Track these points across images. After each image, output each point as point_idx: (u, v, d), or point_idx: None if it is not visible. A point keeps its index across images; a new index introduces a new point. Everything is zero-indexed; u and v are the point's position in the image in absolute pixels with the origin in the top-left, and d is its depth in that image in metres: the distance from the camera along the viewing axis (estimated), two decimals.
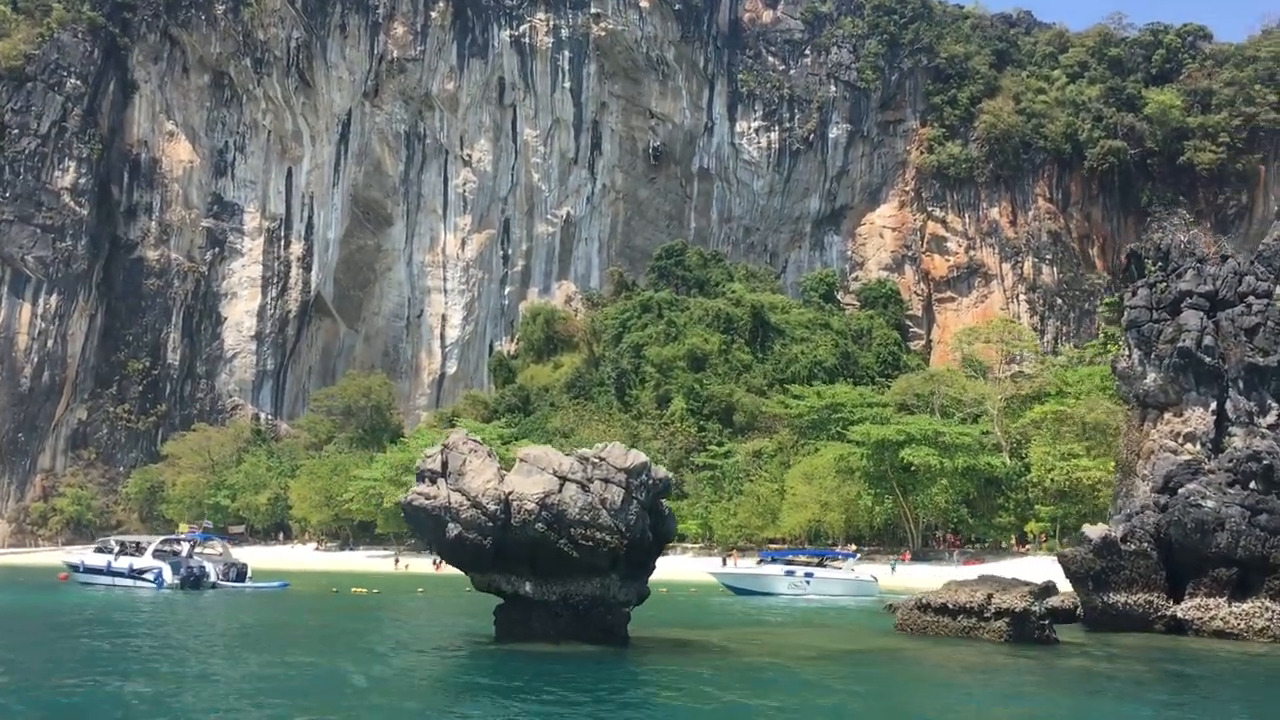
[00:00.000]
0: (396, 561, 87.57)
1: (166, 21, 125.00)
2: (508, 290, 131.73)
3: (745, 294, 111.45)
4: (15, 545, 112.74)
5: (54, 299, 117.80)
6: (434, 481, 23.59)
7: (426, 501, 23.10)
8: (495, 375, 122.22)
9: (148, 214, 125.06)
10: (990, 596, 25.17)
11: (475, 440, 24.40)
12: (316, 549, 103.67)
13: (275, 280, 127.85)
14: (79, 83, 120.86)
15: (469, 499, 22.81)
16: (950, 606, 25.90)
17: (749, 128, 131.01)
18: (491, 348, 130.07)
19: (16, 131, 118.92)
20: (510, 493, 22.70)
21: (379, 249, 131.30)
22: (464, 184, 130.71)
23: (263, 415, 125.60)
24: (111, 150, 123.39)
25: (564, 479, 22.51)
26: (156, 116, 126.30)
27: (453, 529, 22.66)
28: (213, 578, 50.75)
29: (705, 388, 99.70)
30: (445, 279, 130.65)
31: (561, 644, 22.65)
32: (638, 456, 22.56)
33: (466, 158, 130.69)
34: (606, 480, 22.18)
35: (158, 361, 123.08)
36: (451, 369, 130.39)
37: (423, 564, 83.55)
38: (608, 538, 21.88)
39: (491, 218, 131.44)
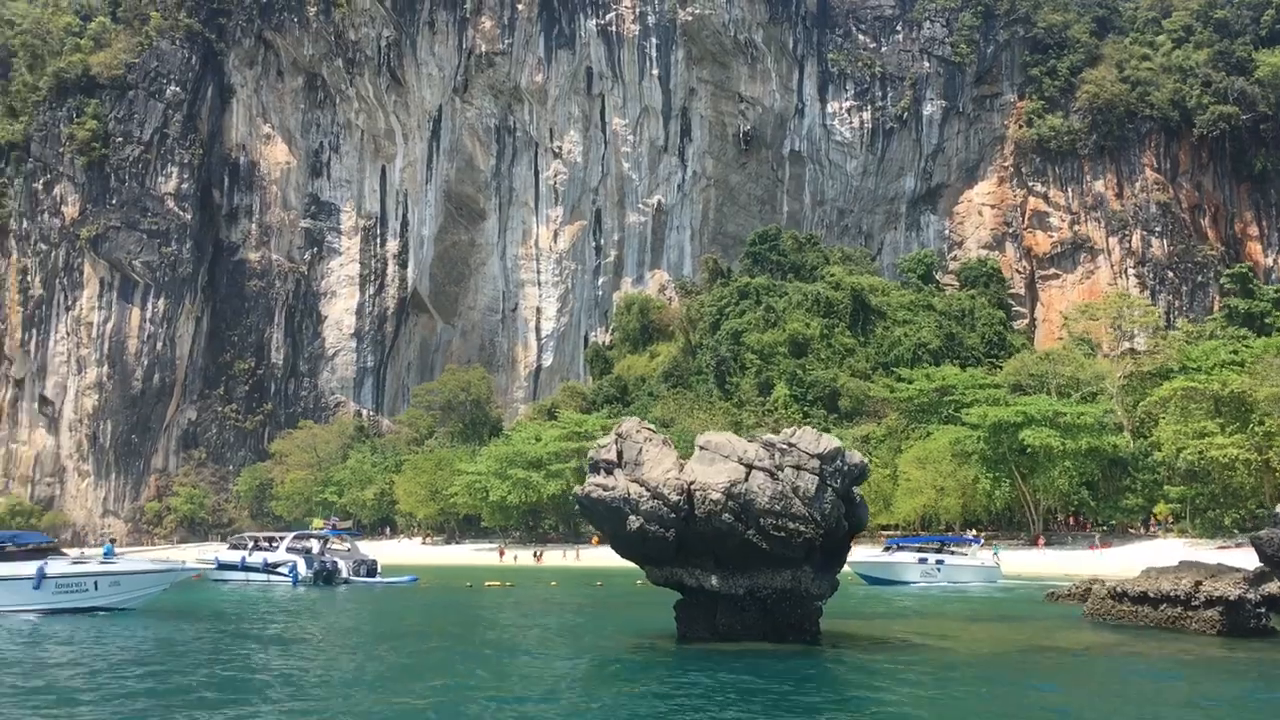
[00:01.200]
0: (501, 554, 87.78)
1: (260, 25, 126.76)
2: (601, 281, 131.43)
3: (844, 277, 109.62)
4: (132, 544, 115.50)
5: (162, 302, 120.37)
6: (610, 472, 22.96)
7: (605, 493, 22.46)
8: (592, 366, 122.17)
9: (248, 216, 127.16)
10: (1198, 584, 23.76)
11: (650, 428, 23.71)
12: (423, 543, 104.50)
13: (373, 278, 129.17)
14: (179, 89, 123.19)
15: (649, 489, 22.12)
16: (1151, 595, 24.54)
17: (840, 108, 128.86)
18: (587, 339, 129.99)
19: (120, 140, 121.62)
20: (692, 482, 21.96)
21: (473, 244, 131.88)
22: (554, 176, 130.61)
23: (364, 412, 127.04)
24: (211, 155, 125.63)
25: (750, 466, 21.69)
26: (254, 120, 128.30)
27: (633, 521, 22.00)
28: (344, 573, 51.04)
29: (808, 373, 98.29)
30: (539, 271, 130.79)
31: (749, 640, 21.89)
32: (831, 441, 21.65)
33: (556, 149, 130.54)
34: (798, 467, 21.31)
35: (262, 361, 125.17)
36: (548, 361, 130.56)
37: (525, 556, 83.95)
38: (801, 527, 21.03)
39: (583, 208, 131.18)
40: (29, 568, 32.55)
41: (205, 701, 17.36)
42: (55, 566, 32.96)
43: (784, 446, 21.80)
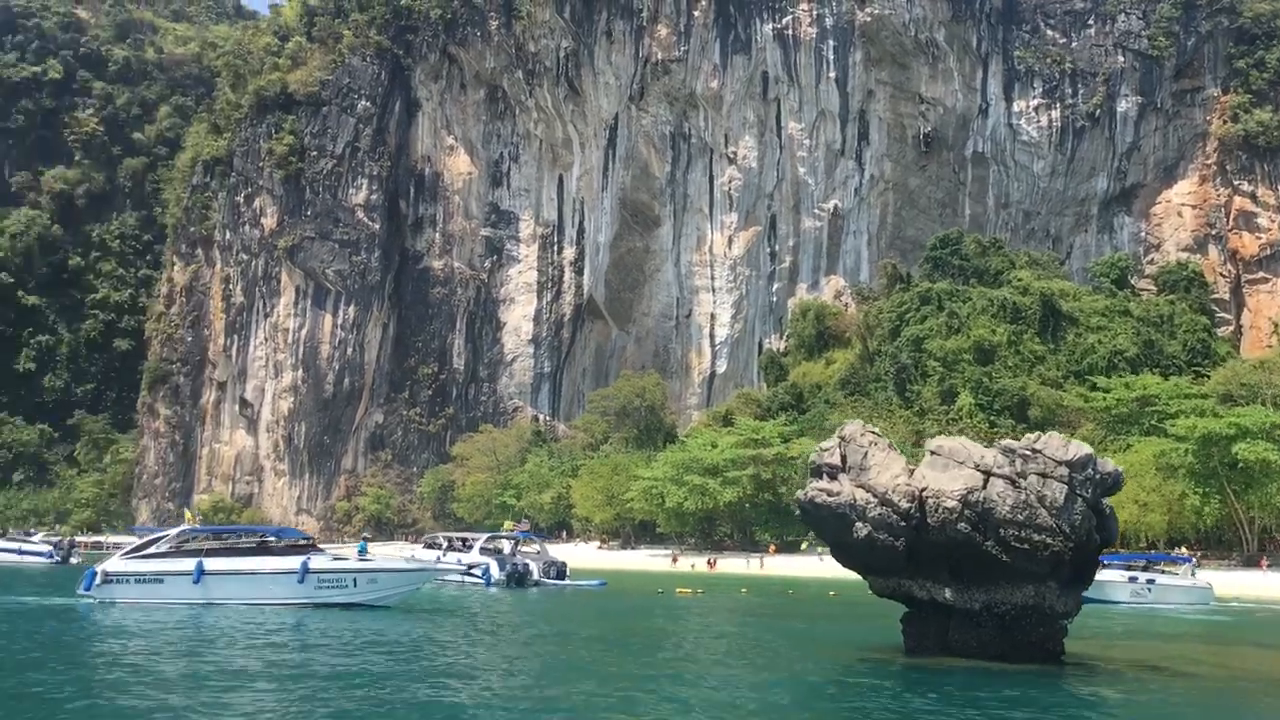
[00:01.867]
0: (674, 560, 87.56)
1: (445, 40, 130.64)
2: (775, 287, 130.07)
3: (1032, 281, 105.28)
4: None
5: (352, 309, 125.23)
6: (834, 477, 22.07)
7: (829, 499, 21.60)
8: (766, 373, 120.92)
9: (432, 226, 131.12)
10: None
11: (874, 431, 22.73)
12: (599, 547, 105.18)
13: (550, 285, 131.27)
14: (369, 104, 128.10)
15: (876, 496, 21.16)
16: None
17: (1027, 107, 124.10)
18: (761, 345, 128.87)
19: (315, 154, 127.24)
20: (924, 489, 20.88)
21: (647, 250, 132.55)
22: (729, 182, 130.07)
23: (541, 416, 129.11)
24: (398, 166, 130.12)
25: (988, 473, 20.47)
26: (438, 132, 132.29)
27: (860, 529, 21.07)
28: (535, 575, 51.43)
29: (995, 381, 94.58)
30: (713, 278, 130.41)
31: (983, 659, 20.64)
32: (1080, 448, 20.24)
33: (731, 155, 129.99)
34: (1044, 475, 19.99)
35: (444, 366, 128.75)
36: (721, 368, 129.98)
37: (699, 563, 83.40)
38: (1048, 540, 19.71)
39: (757, 214, 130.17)
40: (294, 562, 33.76)
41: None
42: (318, 562, 34.05)
43: (1027, 453, 20.48)
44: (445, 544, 57.59)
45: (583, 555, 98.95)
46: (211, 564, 33.65)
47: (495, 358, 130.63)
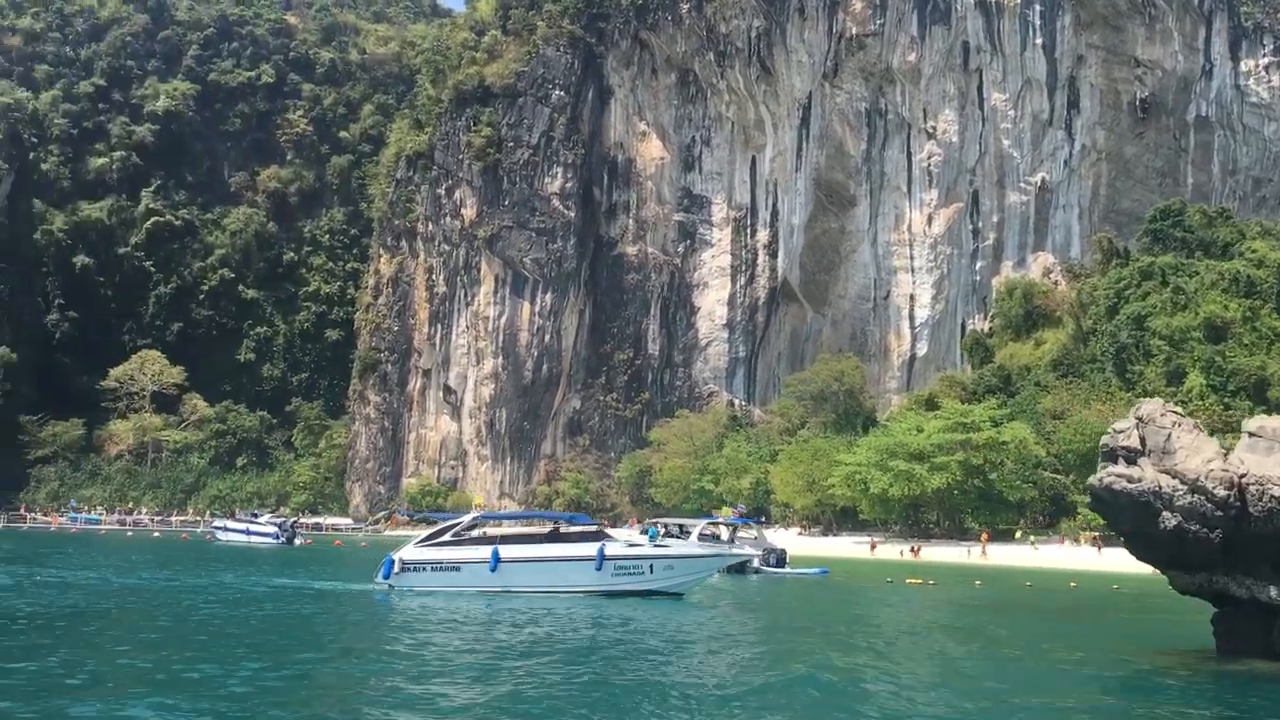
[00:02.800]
0: (873, 547, 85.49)
1: (637, 26, 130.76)
2: (979, 265, 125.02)
3: (1268, 253, 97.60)
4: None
5: (549, 297, 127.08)
6: (1132, 461, 20.08)
7: (1129, 485, 19.63)
8: (970, 355, 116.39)
9: (625, 212, 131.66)
10: None
11: (1177, 411, 20.61)
12: (799, 534, 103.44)
13: (743, 268, 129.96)
14: (563, 94, 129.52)
15: (1186, 483, 19.09)
16: None
17: (1257, 66, 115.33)
18: (964, 327, 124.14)
19: (511, 144, 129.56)
20: (1244, 475, 18.72)
21: (843, 231, 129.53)
22: (928, 158, 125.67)
23: (736, 401, 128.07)
24: (592, 154, 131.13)
25: None
26: (630, 118, 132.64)
27: (1168, 519, 19.05)
28: (755, 563, 50.48)
29: (1229, 360, 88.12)
30: (912, 257, 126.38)
31: None
32: None
33: (930, 130, 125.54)
34: None
35: (639, 352, 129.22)
36: (922, 350, 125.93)
37: (904, 550, 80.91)
38: None
39: (959, 190, 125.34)
40: (590, 549, 33.55)
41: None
42: (613, 548, 33.86)
43: None
44: (663, 530, 57.16)
45: (784, 542, 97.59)
46: (507, 551, 33.44)
47: (690, 343, 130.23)
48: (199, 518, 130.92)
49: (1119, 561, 44.13)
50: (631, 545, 36.00)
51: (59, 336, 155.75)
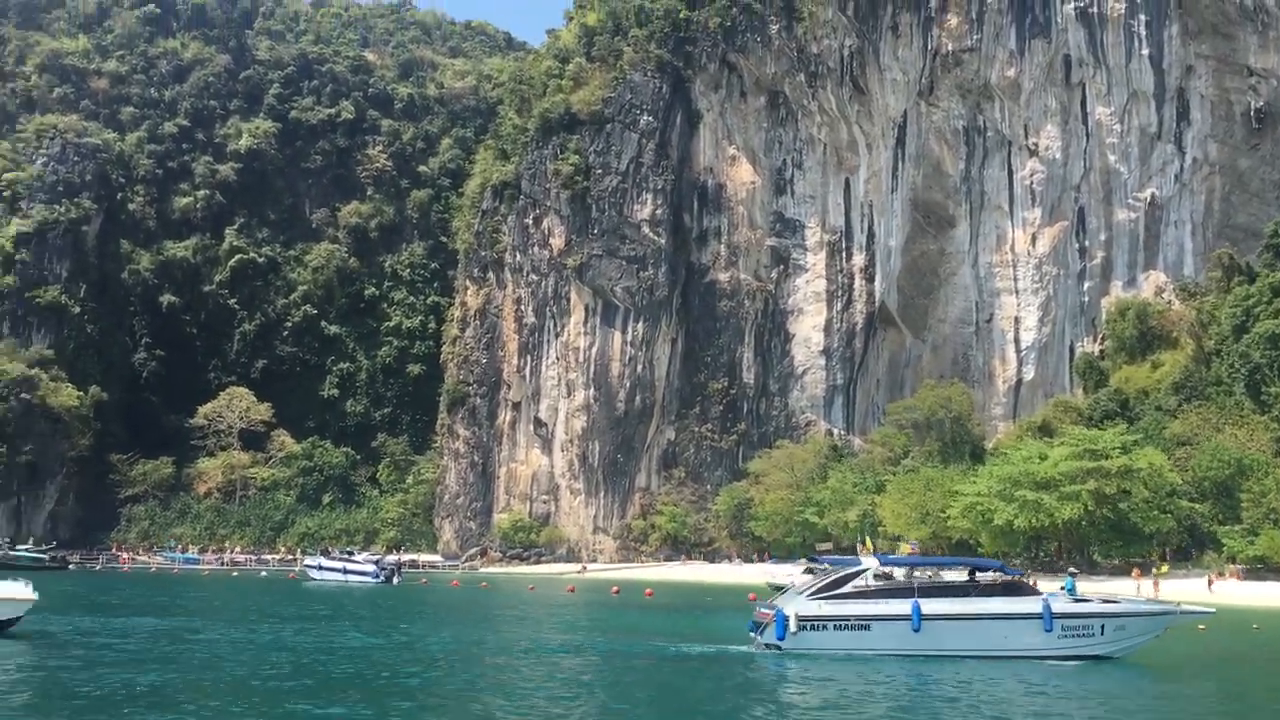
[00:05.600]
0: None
1: (725, 49, 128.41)
2: (1086, 286, 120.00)
3: None
4: (622, 560, 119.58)
5: (640, 326, 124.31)
6: None
7: None
8: (1084, 379, 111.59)
9: (716, 238, 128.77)
10: None
11: None
12: None
13: (839, 293, 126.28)
14: (651, 119, 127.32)
15: None
16: None
17: None
18: (1072, 349, 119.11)
19: (600, 172, 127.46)
20: None
21: (942, 253, 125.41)
22: (1030, 175, 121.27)
23: (835, 430, 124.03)
24: (681, 179, 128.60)
25: None
26: (719, 143, 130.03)
27: None
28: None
29: None
30: (1016, 279, 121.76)
31: None
32: None
33: (1032, 147, 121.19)
34: None
35: (734, 381, 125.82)
36: (1029, 374, 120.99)
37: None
38: None
39: (1063, 208, 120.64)
40: (1033, 604, 28.72)
41: None
42: (1059, 604, 29.17)
43: None
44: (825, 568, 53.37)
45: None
46: (931, 606, 28.92)
47: (785, 370, 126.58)
48: (292, 555, 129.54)
49: None
50: (1077, 601, 30.87)
51: (147, 375, 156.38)
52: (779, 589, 56.98)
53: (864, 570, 30.80)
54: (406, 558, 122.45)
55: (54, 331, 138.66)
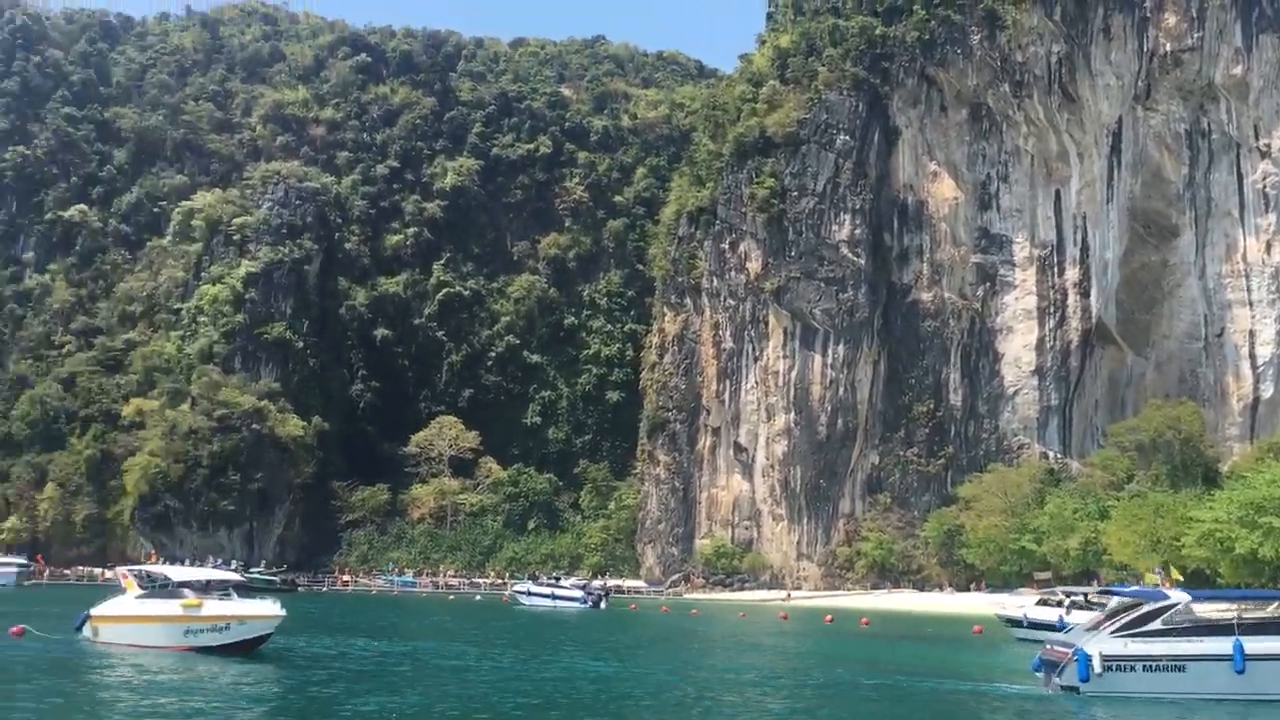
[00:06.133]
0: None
1: (923, 63, 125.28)
2: None
3: None
4: (827, 588, 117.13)
5: (841, 348, 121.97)
6: None
7: None
8: None
9: (918, 256, 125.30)
10: None
11: None
12: None
13: (1052, 310, 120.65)
14: (847, 138, 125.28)
15: None
16: None
17: None
18: None
19: (796, 194, 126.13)
20: None
21: (1165, 264, 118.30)
22: (1263, 179, 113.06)
23: (1050, 453, 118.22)
24: (880, 198, 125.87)
25: None
26: (919, 159, 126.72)
27: None
28: None
29: None
30: (1249, 289, 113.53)
31: None
32: None
33: (1263, 148, 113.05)
34: None
35: (940, 403, 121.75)
36: (1267, 392, 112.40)
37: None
38: None
39: None
40: None
41: None
42: None
43: None
44: (1066, 601, 50.25)
45: None
46: (1256, 645, 26.07)
47: (995, 392, 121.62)
48: (501, 580, 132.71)
49: None
50: None
51: (363, 406, 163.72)
52: (1014, 622, 54.28)
53: (1173, 605, 27.81)
54: (611, 583, 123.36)
55: (280, 365, 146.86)
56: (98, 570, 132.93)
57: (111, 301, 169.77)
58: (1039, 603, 53.96)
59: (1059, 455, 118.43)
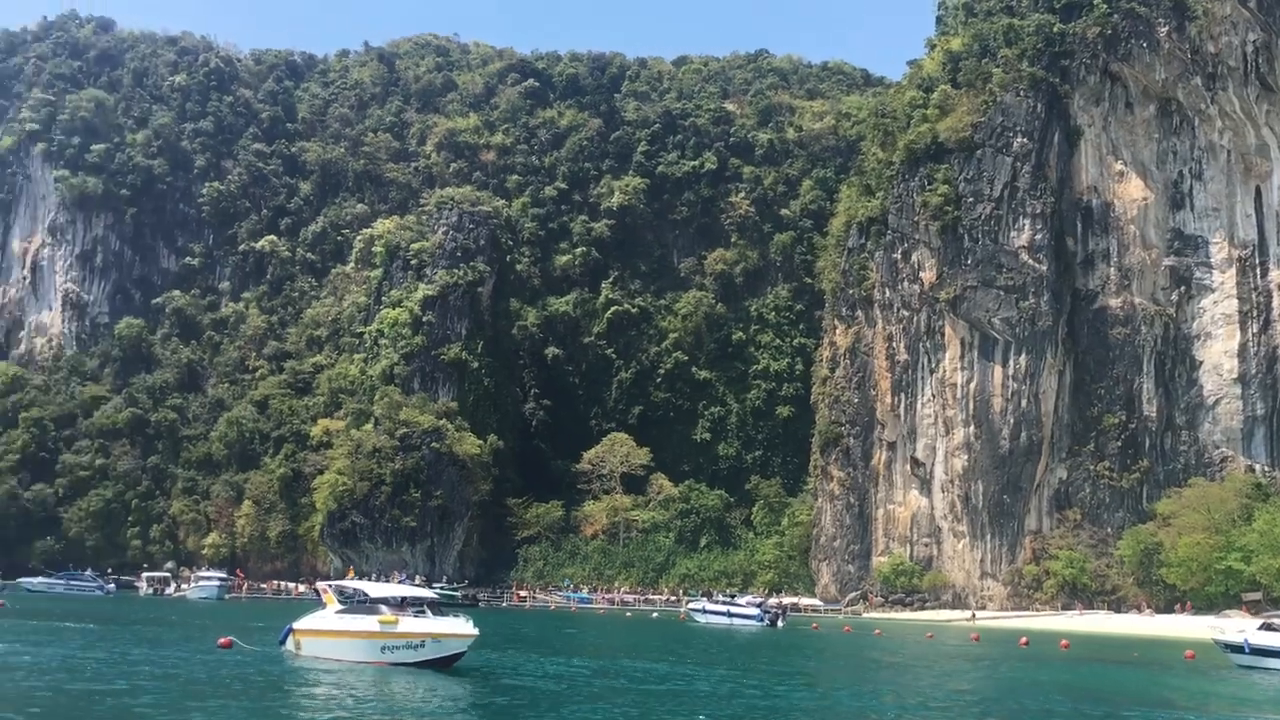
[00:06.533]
0: None
1: (1106, 59, 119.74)
2: None
3: None
4: (1013, 608, 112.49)
5: (1023, 358, 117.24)
6: None
7: None
8: None
9: (1105, 261, 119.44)
10: None
11: None
12: None
13: (1255, 314, 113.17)
14: (1025, 140, 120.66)
15: None
16: None
17: None
18: None
19: (971, 200, 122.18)
20: None
21: None
22: None
23: (1257, 466, 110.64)
24: (1062, 201, 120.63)
25: None
26: (1104, 159, 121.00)
27: None
28: None
29: None
30: None
31: None
32: None
33: None
34: None
35: (1133, 414, 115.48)
36: None
37: None
38: None
39: None
40: None
41: None
42: None
43: None
44: None
45: None
46: None
47: (1193, 401, 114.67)
48: (674, 596, 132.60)
49: None
50: None
51: (536, 424, 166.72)
52: (1234, 648, 50.68)
53: None
54: (787, 600, 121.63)
55: (456, 385, 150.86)
56: (291, 584, 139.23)
57: (299, 327, 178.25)
58: (1262, 627, 50.05)
59: (1267, 468, 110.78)
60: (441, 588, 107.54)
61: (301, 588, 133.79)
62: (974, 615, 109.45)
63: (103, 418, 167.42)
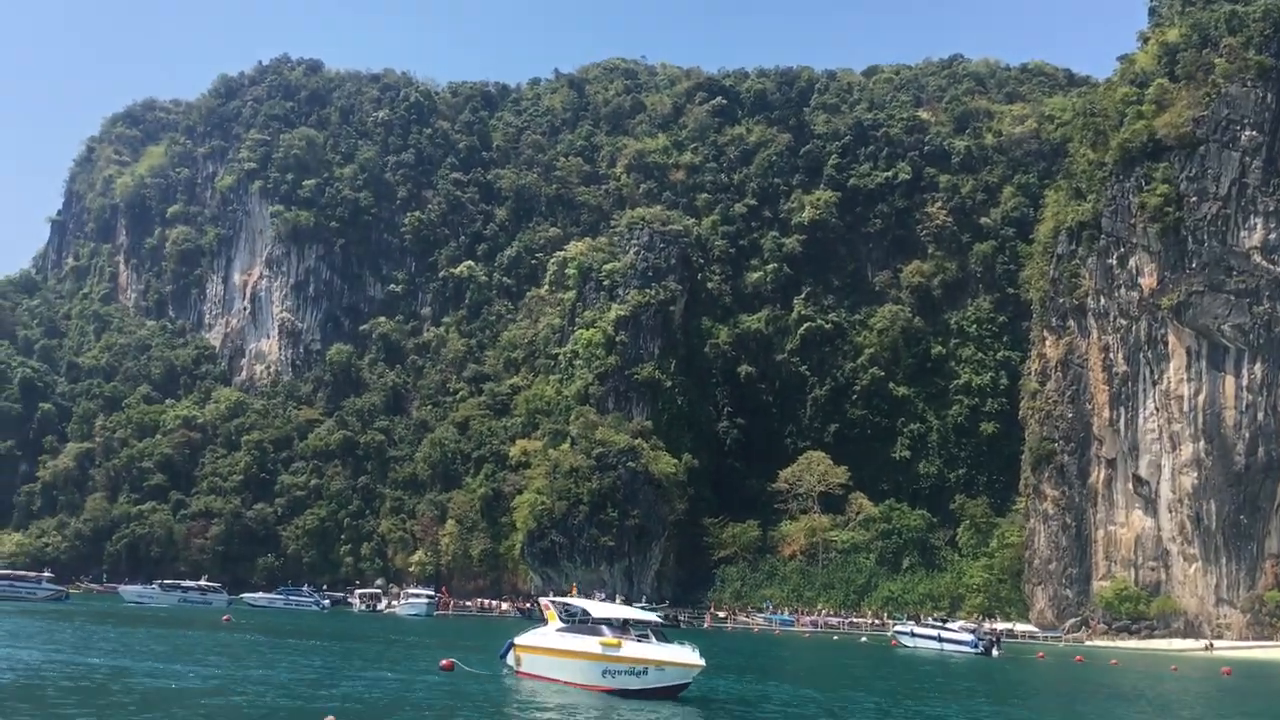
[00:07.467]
0: None
1: None
2: None
3: None
4: (1255, 637, 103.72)
5: (1259, 368, 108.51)
6: None
7: None
8: None
9: None
10: None
11: None
12: None
13: None
14: (1254, 134, 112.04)
15: None
16: None
17: None
18: None
19: (1195, 199, 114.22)
20: None
21: None
22: None
23: None
24: None
25: None
26: None
27: None
28: None
29: None
30: None
31: None
32: None
33: None
34: None
35: None
36: None
37: None
38: None
39: None
40: None
41: None
42: None
43: None
44: None
45: None
46: None
47: None
48: (879, 620, 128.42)
49: None
50: None
51: (729, 442, 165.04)
52: None
53: None
54: (1002, 626, 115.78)
55: (650, 404, 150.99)
56: (492, 601, 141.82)
57: (497, 349, 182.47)
58: None
59: None
60: (642, 607, 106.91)
61: (505, 605, 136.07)
62: (1210, 645, 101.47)
63: (316, 440, 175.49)
